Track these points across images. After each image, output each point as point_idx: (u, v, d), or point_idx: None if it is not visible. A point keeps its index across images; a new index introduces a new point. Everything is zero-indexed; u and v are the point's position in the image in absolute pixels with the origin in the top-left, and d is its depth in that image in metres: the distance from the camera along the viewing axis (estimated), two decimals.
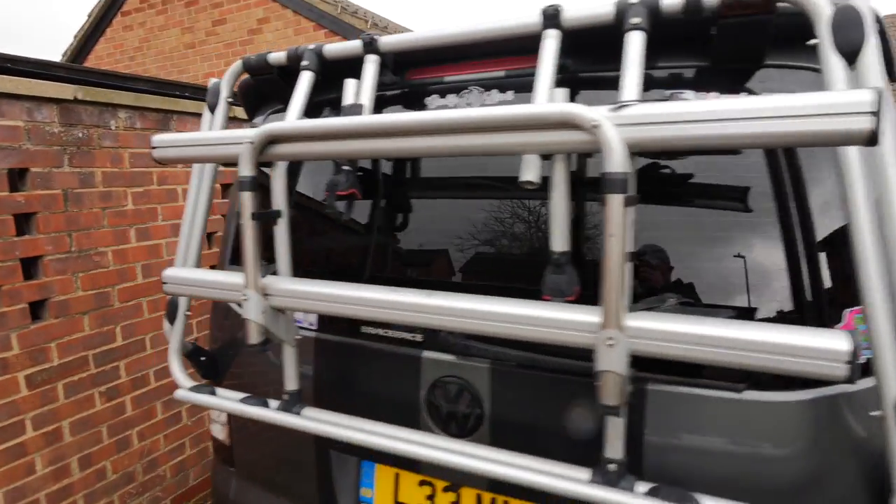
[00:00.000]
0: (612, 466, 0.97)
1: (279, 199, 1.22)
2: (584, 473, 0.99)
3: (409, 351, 1.29)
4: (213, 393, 1.39)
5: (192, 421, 2.75)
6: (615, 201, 0.82)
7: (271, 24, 5.93)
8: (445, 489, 1.32)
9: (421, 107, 1.32)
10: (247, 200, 1.14)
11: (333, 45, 1.32)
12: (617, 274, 0.84)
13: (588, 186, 1.13)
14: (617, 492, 0.93)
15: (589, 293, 0.97)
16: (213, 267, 1.88)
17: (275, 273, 1.25)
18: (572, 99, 1.09)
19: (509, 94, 1.24)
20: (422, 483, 1.35)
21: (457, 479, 1.28)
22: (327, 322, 1.43)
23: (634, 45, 0.99)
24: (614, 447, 0.97)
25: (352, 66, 1.28)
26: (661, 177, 1.10)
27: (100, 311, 2.31)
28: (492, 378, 1.20)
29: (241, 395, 1.37)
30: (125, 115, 2.39)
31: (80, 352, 2.24)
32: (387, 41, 1.24)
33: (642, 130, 0.82)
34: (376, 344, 1.34)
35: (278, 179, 1.23)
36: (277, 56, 1.38)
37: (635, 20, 0.99)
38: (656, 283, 1.10)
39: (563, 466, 1.02)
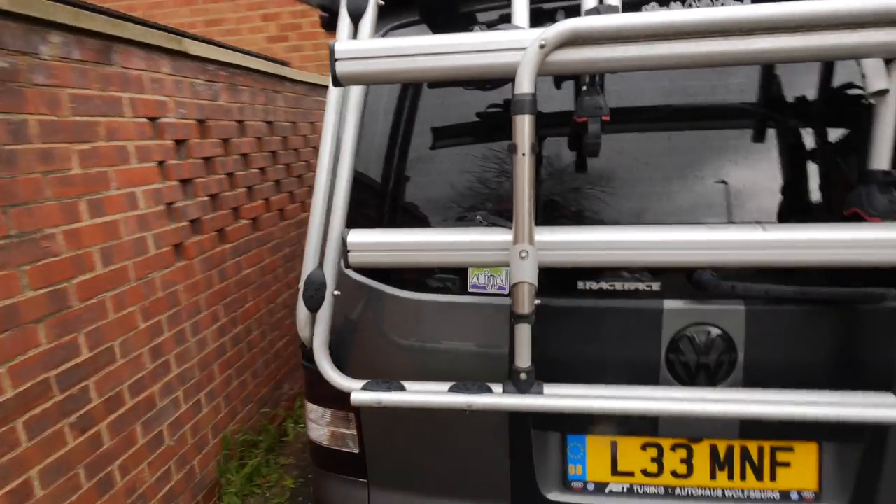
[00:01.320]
0: None
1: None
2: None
3: (646, 303, 1.15)
4: (401, 388, 1.09)
5: (174, 440, 2.19)
6: None
7: None
8: (674, 447, 1.23)
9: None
10: (527, 127, 0.87)
11: None
12: None
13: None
14: None
15: None
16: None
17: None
18: None
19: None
20: (645, 446, 1.23)
21: (698, 432, 1.20)
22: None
23: None
24: None
25: None
26: None
27: (57, 317, 1.67)
28: (750, 319, 1.12)
29: (435, 385, 1.10)
30: (60, 41, 1.70)
31: (39, 374, 1.61)
32: None
33: None
34: (601, 301, 1.16)
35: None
36: None
37: None
38: None
39: (847, 395, 1.00)
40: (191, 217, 2.34)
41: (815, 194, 1.16)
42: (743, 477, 1.21)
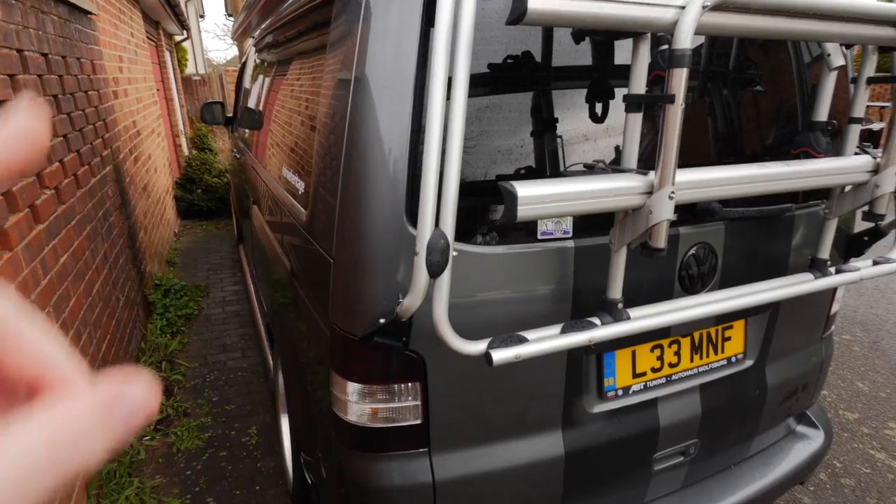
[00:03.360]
0: None
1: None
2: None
3: (671, 231, 1.38)
4: (523, 339, 1.10)
5: None
6: None
7: None
8: (670, 344, 1.54)
9: None
10: (684, 80, 0.96)
11: None
12: None
13: None
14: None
15: None
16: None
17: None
18: None
19: None
20: (653, 348, 1.52)
21: (689, 328, 1.53)
22: (580, 226, 1.29)
23: None
24: None
25: None
26: None
27: None
28: (727, 234, 1.47)
29: (547, 330, 1.15)
30: None
31: None
32: None
33: None
34: None
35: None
36: None
37: None
38: None
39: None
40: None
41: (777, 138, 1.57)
42: (707, 355, 1.61)
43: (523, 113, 1.26)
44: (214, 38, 50.90)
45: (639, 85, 1.04)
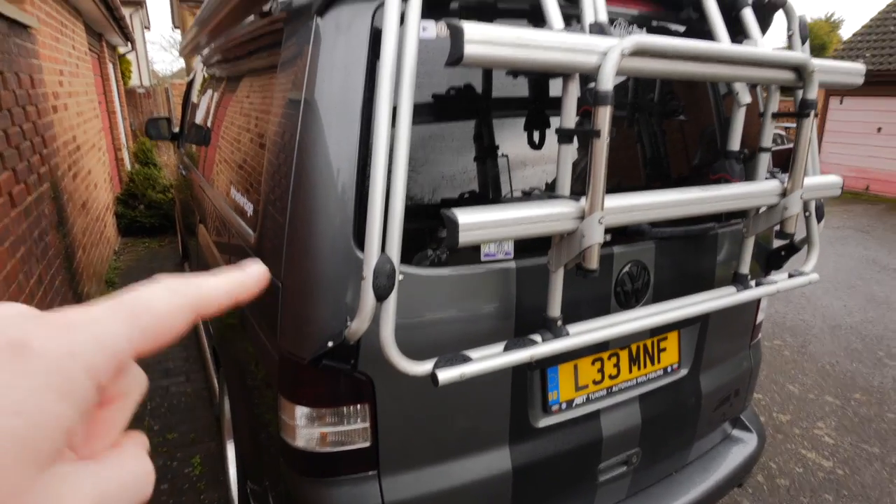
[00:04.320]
0: None
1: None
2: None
3: (605, 251, 1.47)
4: (467, 358, 1.15)
5: None
6: (809, 121, 1.40)
7: None
8: (609, 357, 1.63)
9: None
10: (608, 117, 1.04)
11: None
12: None
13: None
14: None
15: None
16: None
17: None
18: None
19: (642, 31, 1.51)
20: (594, 361, 1.60)
21: (626, 341, 1.62)
22: (521, 247, 1.36)
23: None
24: None
25: None
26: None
27: None
28: (657, 252, 1.57)
29: (490, 348, 1.21)
30: None
31: None
32: None
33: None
34: None
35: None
36: None
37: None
38: None
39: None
40: None
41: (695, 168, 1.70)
42: (645, 366, 1.71)
43: (466, 141, 1.32)
44: (160, 50, 49.38)
45: (569, 119, 1.12)
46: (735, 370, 2.00)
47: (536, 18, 1.29)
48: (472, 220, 0.99)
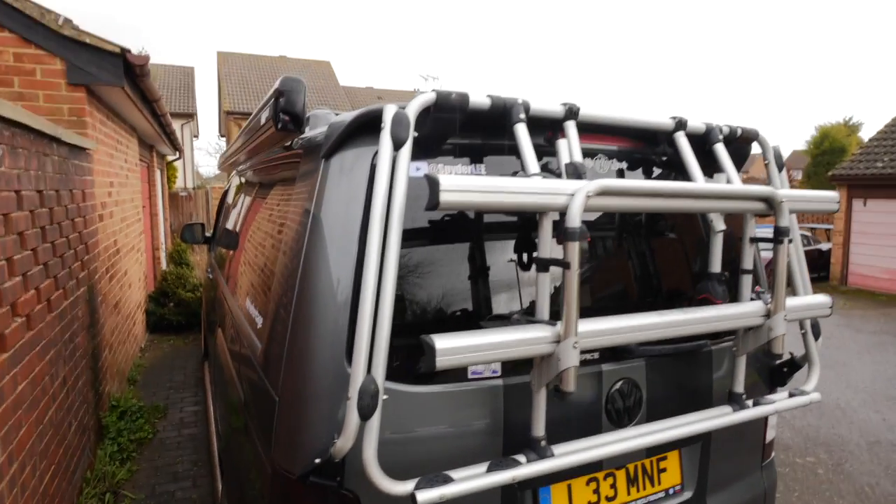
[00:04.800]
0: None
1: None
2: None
3: (592, 368, 1.52)
4: (448, 478, 1.17)
5: None
6: (783, 246, 1.49)
7: None
8: (605, 476, 1.61)
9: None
10: (577, 251, 1.15)
11: (539, 104, 1.39)
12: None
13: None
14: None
15: None
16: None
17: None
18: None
19: (622, 164, 1.67)
20: (589, 481, 1.58)
21: (622, 461, 1.60)
22: (510, 366, 1.42)
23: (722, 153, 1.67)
24: None
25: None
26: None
27: None
28: (648, 370, 1.61)
29: (474, 469, 1.23)
30: None
31: None
32: (583, 113, 1.45)
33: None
34: None
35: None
36: (480, 100, 1.30)
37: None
38: None
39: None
40: None
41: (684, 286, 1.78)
42: (644, 487, 1.67)
43: (458, 264, 1.44)
44: (206, 155, 53.50)
45: (545, 250, 1.23)
46: (747, 492, 1.92)
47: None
48: (449, 346, 1.07)
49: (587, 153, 1.60)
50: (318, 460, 1.18)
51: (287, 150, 1.87)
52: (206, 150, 52.00)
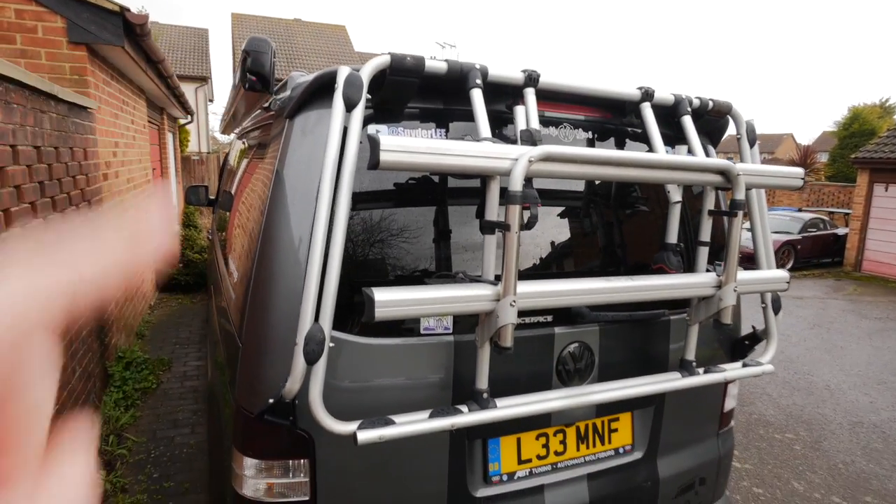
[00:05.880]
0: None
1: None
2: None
3: (545, 331, 1.59)
4: (391, 421, 1.26)
5: None
6: (738, 219, 1.52)
7: None
8: (556, 433, 1.69)
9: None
10: (518, 214, 1.21)
11: (498, 70, 1.42)
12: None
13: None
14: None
15: None
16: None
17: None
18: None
19: (588, 134, 1.70)
20: (538, 436, 1.67)
21: (571, 418, 1.69)
22: (460, 323, 1.49)
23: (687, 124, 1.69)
24: None
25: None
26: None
27: None
28: (602, 335, 1.67)
29: (416, 414, 1.32)
30: None
31: None
32: (543, 80, 1.48)
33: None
34: (518, 332, 1.55)
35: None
36: (436, 65, 1.34)
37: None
38: None
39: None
40: None
41: (643, 254, 1.82)
42: (594, 444, 1.75)
43: (422, 227, 1.50)
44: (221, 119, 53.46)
45: (492, 213, 1.28)
46: (700, 457, 2.00)
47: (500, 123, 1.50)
48: (387, 298, 1.14)
49: (552, 122, 1.63)
50: (271, 400, 1.28)
51: (266, 111, 1.93)
52: (220, 115, 52.08)
